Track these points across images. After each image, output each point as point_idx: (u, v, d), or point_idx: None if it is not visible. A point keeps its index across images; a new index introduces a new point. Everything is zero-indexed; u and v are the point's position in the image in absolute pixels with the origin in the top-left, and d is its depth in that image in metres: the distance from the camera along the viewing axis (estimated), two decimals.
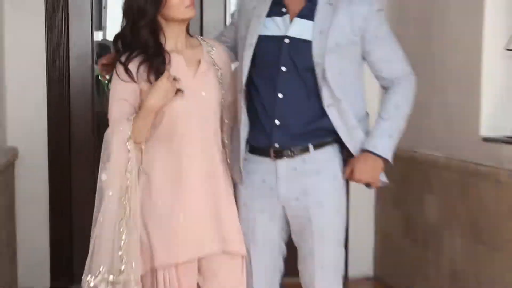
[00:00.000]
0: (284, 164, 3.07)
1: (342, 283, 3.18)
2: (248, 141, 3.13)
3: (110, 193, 2.90)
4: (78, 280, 5.09)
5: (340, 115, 3.02)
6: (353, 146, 3.05)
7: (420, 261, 4.84)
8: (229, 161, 3.16)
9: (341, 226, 3.14)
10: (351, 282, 5.54)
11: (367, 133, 3.08)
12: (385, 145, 3.03)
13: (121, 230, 2.88)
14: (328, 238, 3.08)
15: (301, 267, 3.16)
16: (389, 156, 3.06)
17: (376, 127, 3.06)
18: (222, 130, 3.13)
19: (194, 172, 2.98)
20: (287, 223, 3.19)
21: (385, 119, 3.05)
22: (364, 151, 3.06)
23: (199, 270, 3.07)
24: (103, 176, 2.92)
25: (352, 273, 5.58)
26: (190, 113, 3.00)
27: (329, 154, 3.09)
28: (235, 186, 3.19)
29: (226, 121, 3.14)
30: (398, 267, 5.20)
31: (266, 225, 3.15)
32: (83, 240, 5.17)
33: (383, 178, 3.09)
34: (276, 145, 3.05)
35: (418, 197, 4.83)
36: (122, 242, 2.88)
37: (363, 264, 5.60)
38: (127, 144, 2.89)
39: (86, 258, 5.20)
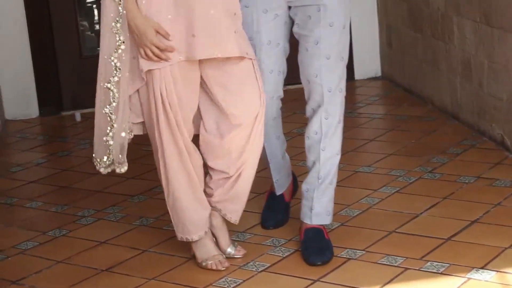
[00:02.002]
0: None
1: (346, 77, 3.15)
2: None
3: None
4: (67, 107, 5.31)
5: None
6: None
7: (429, 54, 4.75)
8: None
9: (348, 12, 3.08)
10: (358, 82, 5.48)
11: None
12: None
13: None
14: (336, 24, 3.03)
15: (303, 58, 3.10)
16: None
17: None
18: None
19: None
20: (290, 17, 3.12)
21: None
22: None
23: (205, 84, 3.01)
24: None
25: (359, 74, 5.51)
26: None
27: None
28: None
29: None
30: (406, 63, 5.12)
31: (270, 25, 3.09)
32: (69, 67, 5.29)
33: None
34: None
35: None
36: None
37: (370, 64, 5.52)
38: None
39: (73, 85, 5.25)
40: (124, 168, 3.00)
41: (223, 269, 3.04)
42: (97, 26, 5.52)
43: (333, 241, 3.13)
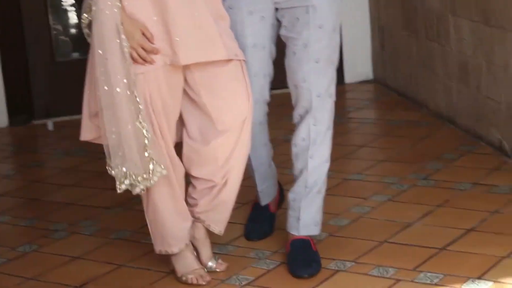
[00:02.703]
0: None
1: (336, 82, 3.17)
2: None
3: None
4: (38, 116, 5.31)
5: None
6: None
7: (424, 56, 4.78)
8: None
9: (338, 13, 3.10)
10: (349, 85, 5.52)
11: None
12: None
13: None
14: (325, 25, 3.05)
15: (290, 62, 3.11)
16: None
17: None
18: None
19: None
20: (277, 19, 3.14)
21: None
22: None
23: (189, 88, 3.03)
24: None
25: (349, 78, 5.55)
26: None
27: None
28: None
29: None
30: (399, 66, 5.14)
31: (255, 27, 3.11)
32: (40, 73, 5.29)
33: None
34: None
35: None
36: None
37: (361, 67, 5.57)
38: None
39: (45, 93, 5.24)
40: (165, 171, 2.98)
41: (204, 283, 3.06)
42: (71, 30, 5.54)
43: (321, 253, 3.14)
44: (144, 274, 3.18)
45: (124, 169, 2.91)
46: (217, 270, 3.14)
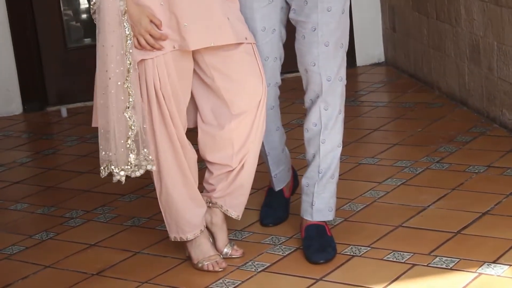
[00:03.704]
0: None
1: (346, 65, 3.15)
2: None
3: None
4: (53, 102, 5.32)
5: None
6: None
7: (435, 37, 4.75)
8: None
9: None
10: (360, 68, 5.49)
11: None
12: None
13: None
14: (334, 8, 3.03)
15: (300, 46, 3.10)
16: None
17: None
18: None
19: None
20: (286, 2, 3.12)
21: None
22: None
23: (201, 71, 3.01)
24: None
25: (360, 60, 5.53)
26: None
27: None
28: None
29: None
30: (411, 48, 5.11)
31: (264, 11, 3.09)
32: (53, 60, 5.29)
33: None
34: None
35: None
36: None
37: (372, 49, 5.54)
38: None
39: (59, 80, 5.25)
40: (154, 166, 2.97)
41: (220, 270, 3.05)
42: (83, 16, 5.53)
43: (336, 238, 3.14)
44: (161, 261, 3.18)
45: (107, 155, 2.90)
46: (233, 256, 3.13)
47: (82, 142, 4.66)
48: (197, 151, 3.08)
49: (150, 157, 2.92)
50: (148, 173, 3.06)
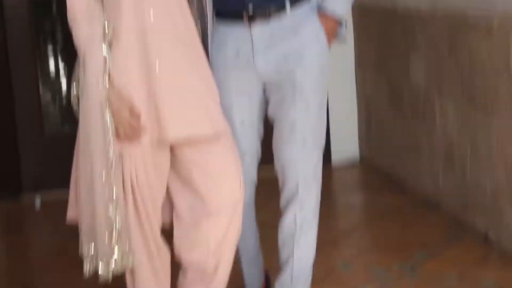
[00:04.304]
0: (259, 30, 3.00)
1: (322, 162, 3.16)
2: (215, 6, 3.05)
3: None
4: (27, 188, 5.23)
5: None
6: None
7: (410, 137, 4.78)
8: None
9: (325, 90, 3.12)
10: (335, 168, 5.50)
11: None
12: (343, 6, 3.13)
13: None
14: (312, 104, 3.05)
15: (277, 144, 3.11)
16: (345, 15, 3.17)
17: None
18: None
19: None
20: (266, 98, 3.15)
21: None
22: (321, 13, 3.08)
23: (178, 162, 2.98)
24: None
25: (336, 157, 5.54)
26: None
27: (306, 12, 3.06)
28: None
29: None
30: (386, 146, 5.15)
31: (243, 107, 3.10)
32: (29, 142, 5.25)
33: (343, 32, 3.14)
34: (250, 6, 2.99)
35: (402, 57, 4.77)
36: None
37: (348, 145, 5.58)
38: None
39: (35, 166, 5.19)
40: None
41: None
42: (63, 100, 5.52)
43: None
44: None
45: (92, 251, 2.85)
46: None
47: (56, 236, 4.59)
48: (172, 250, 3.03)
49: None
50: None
